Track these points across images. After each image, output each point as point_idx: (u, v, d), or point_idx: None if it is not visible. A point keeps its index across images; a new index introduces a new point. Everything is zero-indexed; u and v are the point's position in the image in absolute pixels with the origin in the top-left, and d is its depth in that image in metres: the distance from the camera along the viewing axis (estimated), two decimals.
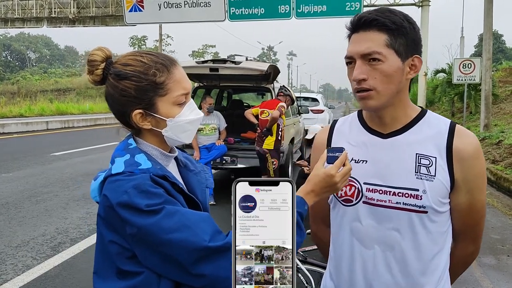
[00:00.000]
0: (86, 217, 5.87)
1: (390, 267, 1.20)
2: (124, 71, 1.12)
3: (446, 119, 1.23)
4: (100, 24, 21.08)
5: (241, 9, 18.56)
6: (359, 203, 1.22)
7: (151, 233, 1.01)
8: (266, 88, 7.31)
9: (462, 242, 1.28)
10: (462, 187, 1.17)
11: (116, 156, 1.13)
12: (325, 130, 1.38)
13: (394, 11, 1.15)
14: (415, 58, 1.16)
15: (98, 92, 42.23)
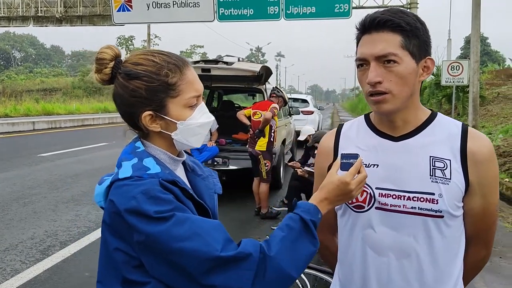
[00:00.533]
0: (75, 219, 5.77)
1: (405, 276, 1.16)
2: (135, 71, 1.08)
3: (457, 121, 1.22)
4: (87, 23, 20.86)
5: (230, 9, 18.52)
6: (372, 209, 1.18)
7: (160, 241, 0.97)
8: (258, 89, 7.29)
9: (474, 247, 1.25)
10: (476, 191, 1.15)
11: (123, 159, 1.09)
12: (331, 135, 1.34)
13: (405, 12, 1.13)
14: (428, 59, 1.15)
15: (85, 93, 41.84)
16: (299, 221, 1.05)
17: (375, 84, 1.09)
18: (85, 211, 6.14)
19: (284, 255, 1.00)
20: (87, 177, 8.45)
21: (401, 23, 1.08)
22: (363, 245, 1.21)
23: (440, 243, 1.15)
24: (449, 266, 1.18)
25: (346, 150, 1.25)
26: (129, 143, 1.16)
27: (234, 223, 5.65)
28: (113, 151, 12.34)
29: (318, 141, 5.56)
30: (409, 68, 1.10)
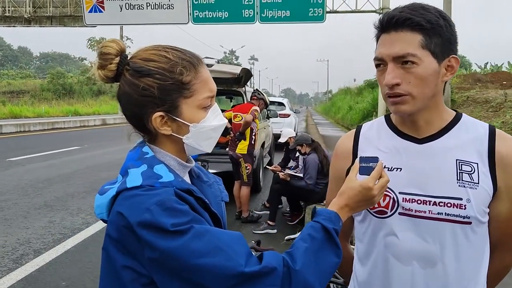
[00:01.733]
0: (49, 226, 5.55)
1: (430, 286, 1.11)
2: (147, 67, 0.98)
3: (483, 123, 1.16)
4: (57, 24, 20.31)
5: (205, 12, 18.42)
6: (395, 215, 1.12)
7: (177, 257, 0.87)
8: (237, 92, 7.23)
9: (499, 254, 1.20)
10: (504, 195, 1.10)
11: (130, 166, 0.99)
12: (349, 137, 1.28)
13: (427, 8, 1.05)
14: (452, 58, 1.08)
15: (54, 95, 40.76)
16: (321, 230, 0.98)
17: (393, 86, 1.04)
18: (59, 217, 5.92)
19: (309, 268, 0.93)
20: (59, 182, 8.18)
21: (421, 22, 1.02)
22: (385, 254, 1.15)
23: (467, 251, 1.10)
24: (475, 275, 1.13)
25: (366, 152, 1.19)
26: (134, 148, 1.06)
27: None
28: (86, 154, 12.04)
29: (300, 143, 5.55)
30: (430, 69, 1.04)
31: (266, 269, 0.89)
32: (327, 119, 39.63)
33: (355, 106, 28.63)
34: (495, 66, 25.73)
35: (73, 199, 6.93)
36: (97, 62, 1.01)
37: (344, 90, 42.43)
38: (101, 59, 1.00)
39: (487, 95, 14.75)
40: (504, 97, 13.14)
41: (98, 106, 37.80)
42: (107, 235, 0.98)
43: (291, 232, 5.30)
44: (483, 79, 21.04)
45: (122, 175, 0.99)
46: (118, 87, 1.04)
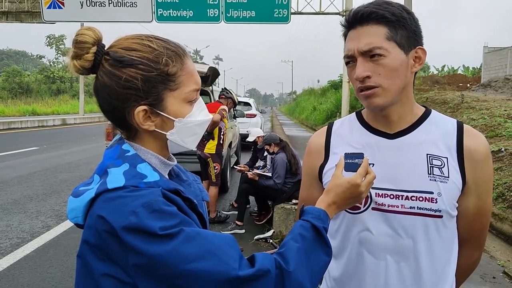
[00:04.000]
0: (6, 230, 5.28)
1: (403, 279, 1.11)
2: (129, 57, 0.91)
3: (451, 118, 1.18)
4: (14, 20, 19.50)
5: (169, 10, 18.20)
6: (368, 210, 1.12)
7: (168, 263, 0.81)
8: (204, 91, 7.14)
9: (467, 249, 1.21)
10: (472, 190, 1.12)
11: (110, 166, 0.91)
12: (321, 134, 1.28)
13: (391, 3, 1.07)
14: (419, 49, 1.10)
15: (10, 94, 39.07)
16: (311, 229, 0.96)
17: (364, 79, 1.05)
18: (17, 220, 5.65)
19: (301, 268, 0.89)
20: (16, 184, 7.81)
21: (386, 14, 1.04)
22: (359, 248, 1.15)
23: (438, 245, 1.11)
24: (445, 269, 1.14)
25: (338, 148, 1.19)
26: (112, 146, 0.98)
27: None
28: (44, 155, 11.57)
29: (268, 143, 5.53)
30: (398, 59, 1.05)
31: (260, 272, 0.84)
32: (292, 119, 39.99)
33: (319, 107, 29.04)
34: (452, 69, 26.76)
35: (31, 202, 6.63)
36: (72, 52, 0.92)
37: (308, 91, 43.00)
38: (76, 48, 0.91)
39: (445, 97, 15.29)
40: (461, 99, 13.66)
41: (58, 105, 36.51)
42: (83, 241, 0.89)
43: (259, 232, 5.27)
44: (440, 81, 21.87)
45: (100, 175, 0.91)
46: (94, 79, 0.95)
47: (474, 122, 10.44)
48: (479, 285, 3.92)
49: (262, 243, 4.95)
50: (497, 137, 8.89)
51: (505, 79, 16.98)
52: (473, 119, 10.76)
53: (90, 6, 17.98)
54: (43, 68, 47.48)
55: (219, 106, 5.73)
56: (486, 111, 11.29)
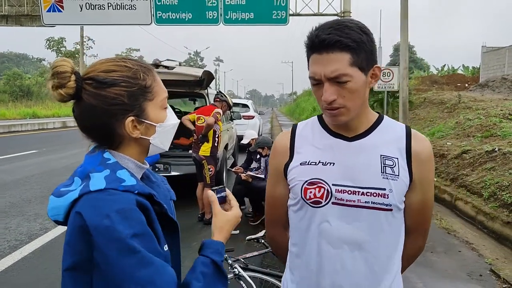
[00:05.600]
0: (5, 232, 5.38)
1: (358, 266, 1.24)
2: (111, 78, 1.03)
3: (401, 124, 1.34)
4: (14, 24, 19.58)
5: (168, 13, 18.24)
6: (328, 204, 1.25)
7: (118, 273, 0.92)
8: (200, 94, 7.23)
9: (413, 238, 1.36)
10: (417, 186, 1.27)
11: (92, 171, 1.02)
12: (286, 135, 1.39)
13: (350, 26, 1.16)
14: (376, 68, 1.23)
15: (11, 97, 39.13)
16: (211, 264, 1.07)
17: (331, 102, 1.17)
18: (15, 223, 5.74)
19: None
20: (15, 187, 7.91)
21: (349, 43, 1.13)
22: (319, 239, 1.27)
23: (388, 235, 1.25)
24: (392, 255, 1.28)
25: (302, 148, 1.32)
26: (91, 152, 1.08)
27: None
28: (44, 158, 11.66)
29: (261, 146, 5.62)
30: (360, 82, 1.17)
31: None
32: (292, 120, 40.02)
33: (318, 108, 29.09)
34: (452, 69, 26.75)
35: (30, 205, 6.73)
36: (54, 83, 1.02)
37: (308, 91, 43.01)
38: (58, 78, 1.02)
39: (442, 97, 15.36)
40: (458, 99, 13.73)
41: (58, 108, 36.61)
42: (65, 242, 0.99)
43: (253, 232, 5.33)
44: (439, 81, 21.89)
45: (82, 178, 1.02)
46: (74, 104, 1.06)
47: (470, 122, 10.52)
48: (465, 282, 4.00)
49: (254, 243, 5.02)
50: (492, 137, 8.97)
51: (502, 79, 17.05)
52: (469, 119, 10.83)
53: (89, 9, 18.04)
54: (44, 71, 47.57)
55: (213, 109, 5.81)
56: (482, 111, 11.35)
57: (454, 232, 5.53)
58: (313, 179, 1.26)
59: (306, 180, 1.26)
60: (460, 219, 6.22)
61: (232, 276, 3.63)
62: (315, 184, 1.25)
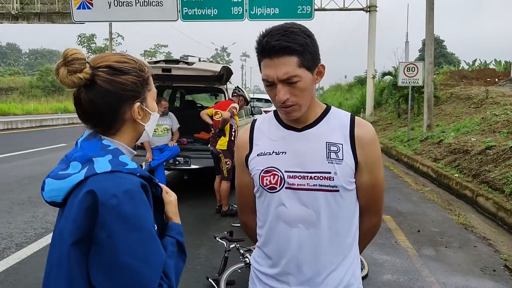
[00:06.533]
0: (32, 220, 5.66)
1: (312, 241, 1.37)
2: (125, 67, 1.17)
3: (346, 112, 1.46)
4: (45, 21, 20.27)
5: (194, 9, 18.51)
6: (282, 189, 1.37)
7: (117, 246, 1.01)
8: (219, 89, 7.35)
9: (367, 216, 1.49)
10: (364, 168, 1.38)
11: (94, 156, 1.10)
12: (246, 130, 1.52)
13: (295, 31, 1.27)
14: (320, 66, 1.35)
15: (44, 92, 40.47)
16: (176, 244, 1.21)
17: (285, 101, 1.30)
18: (42, 212, 6.03)
19: (174, 278, 1.15)
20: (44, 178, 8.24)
21: (296, 47, 1.25)
22: (277, 220, 1.40)
23: (338, 213, 1.37)
24: (347, 232, 1.41)
25: (259, 140, 1.45)
26: (89, 139, 1.17)
27: (195, 220, 5.72)
28: None
29: None
30: (308, 80, 1.31)
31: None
32: None
33: (344, 103, 28.86)
34: (484, 63, 25.95)
35: None
36: (72, 68, 1.10)
37: (335, 86, 42.66)
38: (77, 64, 1.11)
39: (470, 92, 15.00)
40: (485, 94, 13.39)
41: None
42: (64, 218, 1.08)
43: None
44: (469, 75, 21.31)
45: (82, 162, 1.10)
46: (79, 91, 1.15)
47: (496, 118, 10.26)
48: (478, 277, 3.98)
49: None
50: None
51: None
52: (495, 115, 10.56)
53: (118, 6, 18.47)
54: None
55: (230, 103, 5.93)
56: (510, 107, 11.06)
57: (472, 227, 5.48)
58: (268, 168, 1.38)
59: (262, 169, 1.39)
60: (480, 215, 6.14)
61: (243, 265, 3.76)
62: (270, 172, 1.38)
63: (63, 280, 1.05)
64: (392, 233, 5.25)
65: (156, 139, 6.39)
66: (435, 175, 8.54)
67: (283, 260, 1.40)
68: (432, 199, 6.97)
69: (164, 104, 6.47)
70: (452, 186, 7.61)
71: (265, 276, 1.45)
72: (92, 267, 1.03)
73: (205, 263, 4.26)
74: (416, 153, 10.54)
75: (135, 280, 1.02)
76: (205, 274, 3.86)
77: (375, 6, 19.60)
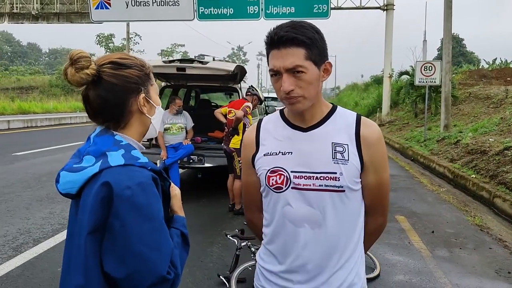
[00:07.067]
0: (49, 217, 5.78)
1: (318, 241, 1.38)
2: (128, 62, 1.25)
3: (352, 112, 1.45)
4: (64, 21, 20.60)
5: (210, 8, 18.60)
6: (288, 189, 1.38)
7: (131, 235, 1.07)
8: (233, 88, 7.39)
9: (373, 216, 1.49)
10: (370, 168, 1.39)
11: (108, 150, 1.16)
12: (252, 129, 1.53)
13: (305, 26, 1.31)
14: (327, 63, 1.37)
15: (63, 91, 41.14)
16: (181, 236, 1.26)
17: (289, 92, 1.30)
18: (59, 208, 6.15)
19: (180, 267, 1.20)
20: None
21: (304, 39, 1.28)
22: (283, 219, 1.41)
23: (343, 214, 1.38)
24: (351, 233, 1.41)
25: (266, 140, 1.46)
26: (100, 135, 1.22)
27: (208, 218, 5.77)
28: None
29: None
30: (314, 74, 1.31)
31: (174, 278, 1.14)
32: None
33: (360, 102, 28.64)
34: (504, 62, 25.42)
35: None
36: (78, 65, 1.18)
37: (351, 86, 42.34)
38: (82, 61, 1.18)
39: (489, 91, 14.74)
40: (505, 94, 13.15)
41: None
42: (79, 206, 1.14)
43: None
44: (488, 75, 20.92)
45: (96, 156, 1.16)
46: (87, 89, 1.22)
47: None
48: (492, 279, 3.93)
49: None
50: None
51: None
52: None
53: (135, 6, 18.68)
54: None
55: (244, 102, 5.95)
56: None
57: (488, 229, 5.39)
58: (274, 168, 1.39)
59: (268, 168, 1.40)
60: (496, 217, 6.05)
61: (254, 263, 3.77)
62: (276, 172, 1.39)
63: (80, 268, 1.11)
64: (405, 233, 5.20)
65: (171, 138, 6.45)
66: (451, 176, 8.42)
67: (288, 259, 1.41)
68: (447, 200, 6.88)
69: (178, 102, 6.52)
70: (468, 187, 7.50)
71: (270, 273, 1.47)
72: (106, 255, 1.09)
73: (217, 260, 4.30)
74: (433, 154, 10.40)
75: (147, 267, 1.08)
76: (216, 272, 3.90)
77: (392, 5, 19.40)
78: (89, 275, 1.10)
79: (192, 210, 6.08)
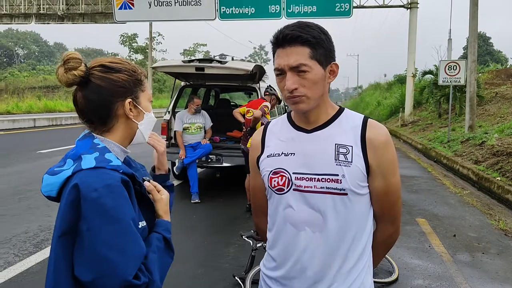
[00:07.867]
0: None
1: (319, 245, 1.33)
2: (118, 66, 1.26)
3: (360, 115, 1.41)
4: (89, 21, 20.98)
5: (232, 8, 18.66)
6: (290, 191, 1.36)
7: (96, 238, 1.06)
8: (252, 88, 7.37)
9: (382, 224, 1.44)
10: (377, 172, 1.33)
11: (84, 153, 1.18)
12: (259, 132, 1.52)
13: (311, 26, 1.29)
14: (333, 64, 1.34)
15: None
16: (163, 240, 1.26)
17: (292, 90, 1.28)
18: None
19: (159, 274, 1.18)
20: None
21: (309, 38, 1.26)
22: (284, 221, 1.38)
23: (346, 217, 1.33)
24: (357, 238, 1.35)
25: (270, 142, 1.44)
26: (82, 138, 1.25)
27: (225, 218, 5.76)
28: None
29: None
30: (319, 74, 1.29)
31: (143, 284, 1.11)
32: None
33: (383, 102, 28.24)
34: None
35: None
36: (68, 66, 1.21)
37: (374, 85, 41.82)
38: (72, 62, 1.21)
39: None
40: None
41: None
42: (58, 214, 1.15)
43: None
44: None
45: (73, 159, 1.18)
46: (77, 90, 1.25)
47: None
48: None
49: None
50: None
51: None
52: None
53: (158, 6, 18.90)
54: None
55: (262, 102, 5.92)
56: None
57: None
58: (276, 169, 1.37)
59: (271, 170, 1.38)
60: None
61: None
62: (278, 173, 1.36)
63: (51, 270, 1.13)
64: (426, 236, 5.08)
65: (189, 137, 6.47)
66: (475, 178, 8.19)
67: (287, 263, 1.38)
68: (471, 202, 6.69)
69: (196, 101, 6.54)
70: (493, 190, 7.28)
71: (270, 279, 1.44)
72: (75, 259, 1.10)
73: (233, 261, 4.27)
74: (456, 155, 10.15)
75: (111, 270, 1.07)
76: (232, 272, 3.88)
77: (416, 3, 19.04)
78: (58, 278, 1.12)
79: (209, 210, 6.08)
